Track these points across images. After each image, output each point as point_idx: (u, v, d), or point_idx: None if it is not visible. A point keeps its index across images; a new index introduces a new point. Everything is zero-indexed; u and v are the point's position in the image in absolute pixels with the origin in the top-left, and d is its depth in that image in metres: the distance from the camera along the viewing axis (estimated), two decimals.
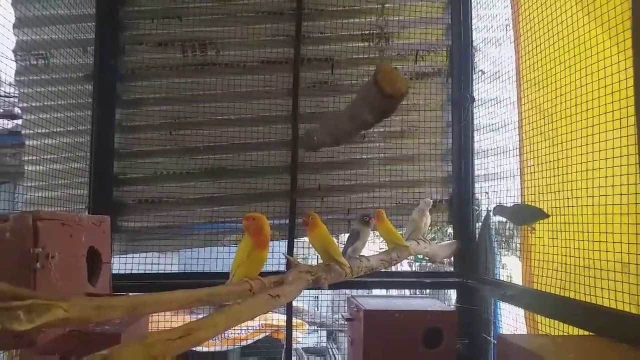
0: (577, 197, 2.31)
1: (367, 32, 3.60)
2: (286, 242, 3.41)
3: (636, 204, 1.93)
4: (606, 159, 2.12)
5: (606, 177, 2.12)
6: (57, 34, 3.09)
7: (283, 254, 3.26)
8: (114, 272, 2.75)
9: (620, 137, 2.04)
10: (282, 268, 3.30)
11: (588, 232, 2.23)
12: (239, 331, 4.77)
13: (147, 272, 3.29)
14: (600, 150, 2.16)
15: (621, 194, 2.02)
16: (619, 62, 2.06)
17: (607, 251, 2.09)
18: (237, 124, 3.48)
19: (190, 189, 3.43)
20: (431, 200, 3.16)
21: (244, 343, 5.04)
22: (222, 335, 4.24)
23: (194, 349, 1.35)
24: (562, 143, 2.45)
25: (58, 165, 3.13)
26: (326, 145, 2.88)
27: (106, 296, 2.00)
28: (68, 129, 3.20)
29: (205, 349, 4.52)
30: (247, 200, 3.46)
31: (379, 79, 1.86)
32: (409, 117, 3.62)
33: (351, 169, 3.58)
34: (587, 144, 2.25)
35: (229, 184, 3.45)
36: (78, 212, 3.15)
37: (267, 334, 5.19)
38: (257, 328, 5.05)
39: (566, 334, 2.30)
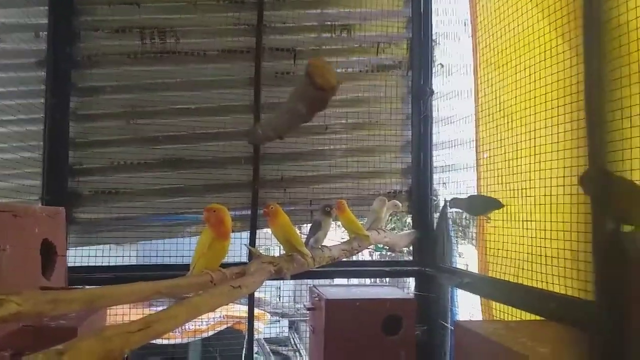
0: (529, 188, 2.41)
1: (329, 23, 3.60)
2: (248, 233, 3.39)
3: (584, 195, 2.02)
4: (557, 151, 2.21)
5: (558, 168, 2.21)
6: (6, 17, 2.95)
7: (245, 245, 3.24)
8: (69, 265, 2.68)
9: (571, 130, 2.13)
10: (244, 259, 3.28)
11: (540, 221, 2.33)
12: (200, 323, 4.73)
13: (104, 264, 3.21)
14: (551, 143, 2.25)
15: (571, 185, 2.11)
16: (570, 57, 2.15)
17: (557, 239, 2.19)
18: (198, 114, 3.42)
19: (149, 180, 3.35)
20: (385, 198, 3.22)
21: (204, 335, 5.00)
22: (183, 328, 4.20)
23: (154, 341, 1.33)
24: (515, 136, 2.54)
25: (9, 154, 3.01)
26: (271, 139, 2.89)
27: (61, 289, 1.95)
28: (19, 117, 3.07)
29: (165, 342, 4.47)
30: (207, 191, 3.42)
31: (310, 72, 1.88)
32: (370, 109, 3.66)
33: (314, 160, 3.59)
34: (539, 137, 2.34)
35: (189, 175, 3.40)
36: (31, 203, 3.04)
37: (229, 325, 5.16)
38: (219, 319, 5.02)
39: (519, 320, 2.40)
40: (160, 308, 1.40)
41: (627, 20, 1.87)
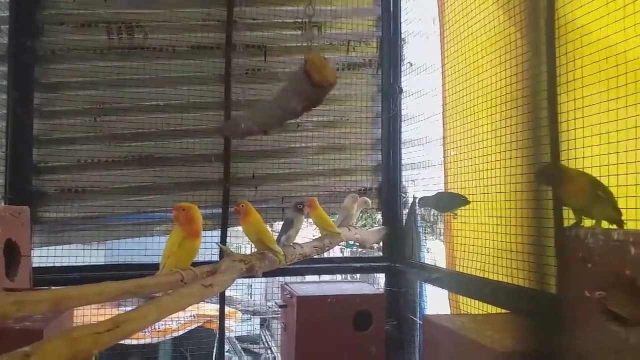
0: (494, 185, 2.48)
1: (300, 20, 3.60)
2: (219, 232, 3.38)
3: (548, 190, 2.09)
4: (521, 148, 2.27)
5: (522, 165, 2.27)
6: None
7: (216, 243, 3.23)
8: (34, 265, 2.61)
9: (534, 128, 2.20)
10: (215, 258, 3.27)
11: (504, 217, 2.40)
12: (170, 322, 4.68)
13: (71, 264, 3.14)
14: (514, 141, 2.32)
15: (534, 182, 2.17)
16: (527, 60, 2.22)
17: (521, 234, 2.26)
18: (167, 110, 3.38)
19: (117, 178, 3.29)
20: (356, 196, 3.26)
21: (175, 334, 4.96)
22: (153, 327, 4.15)
23: (123, 342, 1.32)
24: (480, 134, 2.61)
25: None
26: (253, 134, 2.87)
27: (26, 291, 1.90)
28: None
29: (134, 342, 4.41)
30: (177, 189, 3.38)
31: (308, 68, 1.88)
32: (340, 107, 3.69)
33: (285, 157, 3.59)
34: (502, 135, 2.41)
35: (158, 173, 3.36)
36: None
37: (200, 324, 5.13)
38: (189, 318, 4.98)
39: (485, 313, 2.46)
40: (129, 308, 1.39)
41: (573, 19, 1.95)
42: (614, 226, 1.63)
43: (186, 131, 3.40)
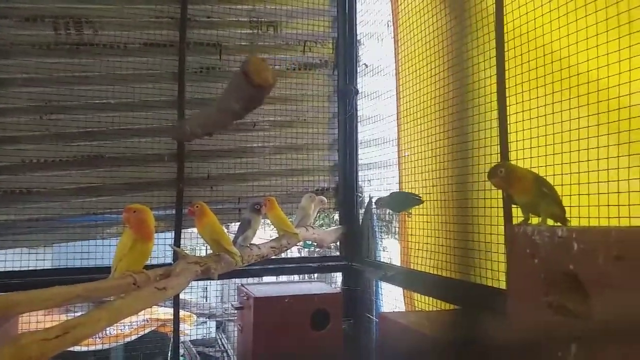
0: (446, 184, 2.55)
1: (255, 19, 3.58)
2: (173, 234, 3.30)
3: (497, 190, 2.16)
4: (473, 149, 2.35)
5: (472, 165, 2.35)
6: None
7: (170, 245, 3.16)
8: None
9: (485, 129, 2.28)
10: (169, 260, 3.20)
11: (456, 215, 2.47)
12: (123, 327, 4.54)
13: (15, 269, 2.99)
14: (466, 142, 2.39)
15: (485, 181, 2.25)
16: (479, 62, 2.30)
17: (473, 232, 2.33)
18: (118, 109, 3.27)
19: (64, 179, 3.16)
20: (314, 195, 3.27)
21: (127, 339, 4.81)
22: (104, 333, 4.01)
23: (72, 349, 1.27)
24: (433, 135, 2.68)
25: None
26: (198, 136, 2.84)
27: None
28: None
29: (85, 348, 4.25)
30: (128, 190, 3.28)
31: (247, 69, 1.88)
32: (297, 107, 3.69)
33: (241, 157, 3.56)
34: (455, 136, 2.48)
35: (108, 173, 3.25)
36: None
37: (153, 328, 5.00)
38: (142, 323, 4.85)
39: (439, 309, 2.53)
40: (78, 314, 1.34)
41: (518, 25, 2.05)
42: (559, 223, 1.71)
43: (138, 130, 3.31)
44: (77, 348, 3.60)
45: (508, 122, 2.14)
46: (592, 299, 1.26)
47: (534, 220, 1.73)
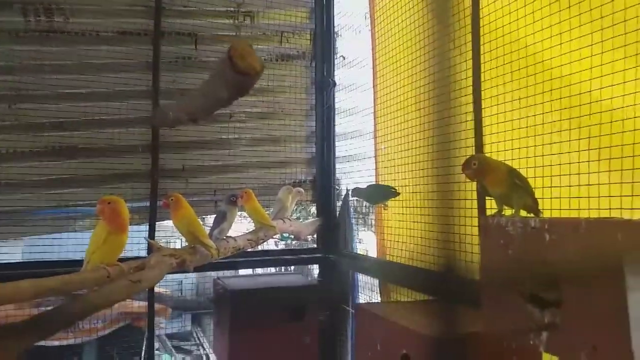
0: (422, 177, 2.57)
1: (232, 9, 3.54)
2: (147, 226, 3.26)
3: (471, 182, 2.20)
4: (448, 142, 2.37)
5: (448, 158, 2.37)
6: None
7: (144, 237, 3.12)
8: None
9: (460, 122, 2.31)
10: (144, 253, 3.15)
11: (431, 207, 2.50)
12: (96, 321, 4.47)
13: None
14: (442, 135, 2.42)
15: (460, 174, 2.28)
16: (455, 56, 2.32)
17: (447, 224, 2.36)
18: (90, 99, 3.20)
19: (35, 170, 3.08)
20: (291, 187, 3.26)
21: (101, 333, 4.74)
22: (76, 327, 3.94)
23: (43, 343, 1.24)
24: (410, 128, 2.70)
25: None
26: (183, 123, 2.79)
27: None
28: None
29: (57, 343, 4.17)
30: (102, 181, 3.22)
31: (232, 55, 1.85)
32: (274, 99, 3.66)
33: (217, 149, 3.52)
34: (430, 129, 2.50)
35: (80, 164, 3.17)
36: None
37: (127, 322, 4.93)
38: (116, 316, 4.78)
39: (414, 300, 2.56)
40: (50, 308, 1.32)
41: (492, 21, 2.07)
42: (532, 215, 1.74)
43: (111, 121, 3.24)
44: (48, 343, 3.53)
45: (483, 116, 2.17)
46: (563, 288, 1.29)
47: (508, 211, 1.76)
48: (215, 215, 2.90)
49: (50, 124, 3.11)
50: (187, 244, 2.43)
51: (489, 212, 2.06)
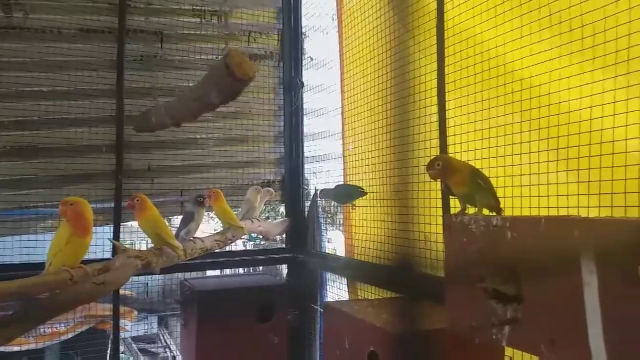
0: (388, 177, 2.61)
1: (198, 7, 3.50)
2: (111, 227, 3.19)
3: (436, 182, 2.24)
4: (413, 142, 2.42)
5: (413, 158, 2.42)
6: None
7: (109, 239, 3.05)
8: None
9: (425, 123, 2.35)
10: (108, 255, 3.09)
11: (398, 206, 2.54)
12: (58, 325, 4.34)
13: None
14: (407, 135, 2.46)
15: (424, 173, 2.33)
16: (420, 58, 2.37)
17: (413, 223, 2.40)
18: (52, 97, 3.11)
19: None
20: (259, 187, 3.26)
21: (63, 337, 4.61)
22: (37, 331, 3.82)
23: (2, 349, 1.20)
24: (376, 129, 2.74)
25: None
26: (166, 127, 2.77)
27: None
28: None
29: (17, 348, 4.04)
30: (64, 182, 3.13)
31: (230, 63, 1.90)
32: (242, 98, 3.62)
33: (184, 148, 3.47)
34: (396, 130, 2.54)
35: (42, 165, 3.08)
36: None
37: (91, 325, 4.82)
38: (79, 320, 4.65)
39: (381, 297, 2.59)
40: (10, 313, 1.28)
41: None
42: (494, 213, 1.79)
43: (74, 119, 3.16)
44: (7, 348, 3.41)
45: (447, 117, 2.22)
46: (524, 284, 1.34)
47: (471, 210, 1.81)
48: (182, 216, 2.87)
49: (9, 123, 3.01)
50: (153, 245, 2.40)
51: (453, 211, 2.11)
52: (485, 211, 1.77)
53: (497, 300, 1.43)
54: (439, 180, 1.92)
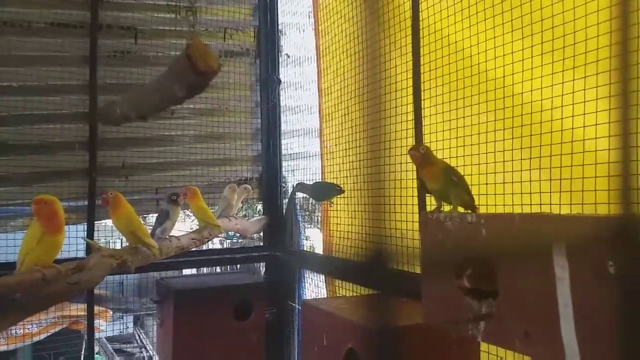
0: (366, 174, 2.63)
1: (173, 3, 3.45)
2: (85, 226, 3.13)
3: (413, 179, 2.27)
4: (389, 140, 2.44)
5: (390, 156, 2.44)
6: None
7: (82, 238, 3.00)
8: None
9: (401, 122, 2.38)
10: (82, 254, 3.03)
11: (374, 204, 2.55)
12: (30, 326, 4.25)
13: None
14: (383, 134, 2.48)
15: (402, 171, 2.35)
16: (396, 57, 2.40)
17: (389, 220, 2.43)
18: (22, 93, 3.02)
19: None
20: (236, 185, 3.24)
21: (36, 339, 4.51)
22: (8, 332, 3.73)
23: None
24: (353, 127, 2.75)
25: None
26: (131, 120, 2.71)
27: None
28: None
29: None
30: (34, 180, 3.06)
31: (190, 53, 1.84)
32: (219, 95, 3.61)
33: (159, 145, 3.43)
34: (372, 128, 2.56)
35: (11, 162, 3.00)
36: None
37: (65, 325, 4.72)
38: (53, 320, 4.55)
39: (359, 294, 2.61)
40: None
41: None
42: (469, 210, 1.82)
43: (46, 116, 3.09)
44: None
45: (423, 116, 2.24)
46: (499, 279, 1.37)
47: (446, 207, 1.84)
48: (157, 214, 2.83)
49: None
50: (128, 244, 2.36)
51: (429, 209, 2.13)
52: (461, 209, 1.80)
53: (473, 296, 1.46)
54: (416, 166, 1.92)
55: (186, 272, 3.86)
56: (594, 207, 1.56)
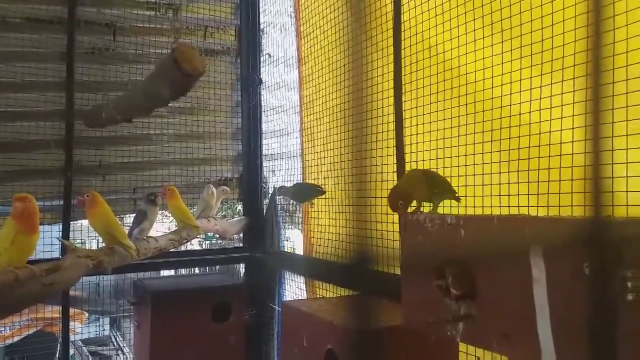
0: (346, 176, 2.64)
1: (152, 0, 3.41)
2: (60, 226, 3.06)
3: (393, 181, 2.28)
4: (371, 142, 2.45)
5: (371, 157, 2.45)
6: None
7: (57, 238, 2.93)
8: None
9: (383, 123, 2.39)
10: (57, 255, 2.96)
11: (355, 205, 2.56)
12: (2, 328, 4.14)
13: None
14: (364, 135, 2.48)
15: (382, 172, 2.36)
16: (377, 59, 2.41)
17: (370, 221, 2.43)
18: None
19: None
20: (212, 186, 3.21)
21: (9, 341, 4.40)
22: None
23: None
24: (335, 128, 2.75)
25: None
26: (116, 122, 2.69)
27: None
28: None
29: None
30: (8, 178, 2.98)
31: (178, 58, 1.86)
32: (198, 94, 3.57)
33: (137, 144, 3.37)
34: (353, 129, 2.57)
35: None
36: None
37: (39, 328, 4.62)
38: (26, 323, 4.45)
39: (339, 295, 2.61)
40: None
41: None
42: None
43: (20, 113, 3.02)
44: None
45: (404, 118, 2.26)
46: (477, 280, 1.38)
47: (426, 208, 1.85)
48: (134, 215, 2.79)
49: None
50: (104, 245, 2.32)
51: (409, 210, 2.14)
52: (440, 209, 1.81)
53: (452, 297, 1.47)
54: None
55: (164, 273, 3.81)
56: (570, 209, 1.59)
